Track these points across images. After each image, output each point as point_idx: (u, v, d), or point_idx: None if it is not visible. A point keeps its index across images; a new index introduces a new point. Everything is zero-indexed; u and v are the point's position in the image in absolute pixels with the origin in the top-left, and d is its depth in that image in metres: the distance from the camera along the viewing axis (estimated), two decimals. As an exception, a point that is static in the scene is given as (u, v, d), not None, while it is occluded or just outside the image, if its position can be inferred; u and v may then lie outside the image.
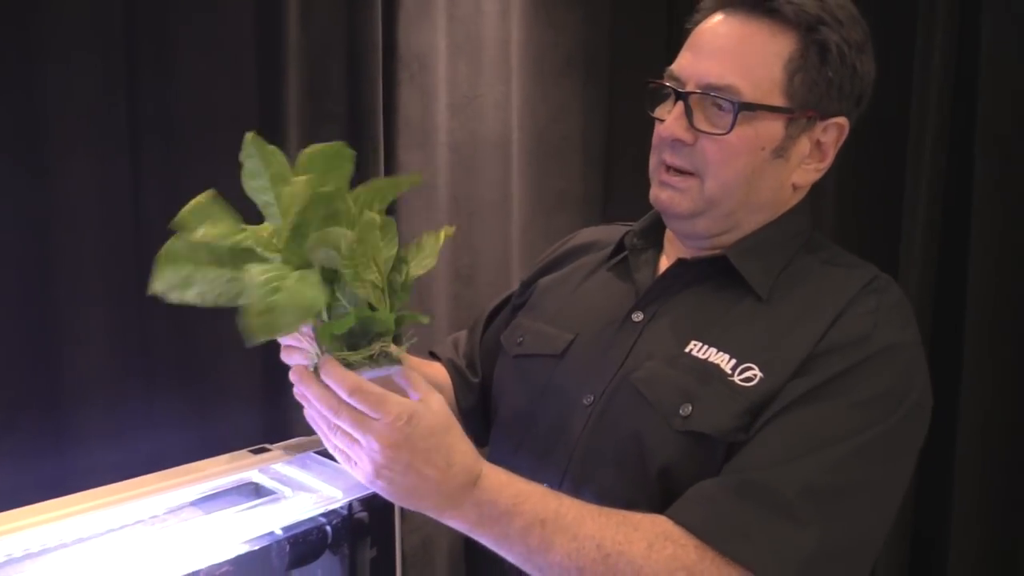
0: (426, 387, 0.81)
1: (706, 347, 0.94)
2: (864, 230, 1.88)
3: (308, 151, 0.77)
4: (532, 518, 0.82)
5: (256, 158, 0.78)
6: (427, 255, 0.84)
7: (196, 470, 1.26)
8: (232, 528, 1.13)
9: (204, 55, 1.54)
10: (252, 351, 0.74)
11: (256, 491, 1.28)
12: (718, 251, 0.99)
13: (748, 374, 0.90)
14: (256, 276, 0.74)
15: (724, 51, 0.94)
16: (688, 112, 0.94)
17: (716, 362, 0.92)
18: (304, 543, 1.17)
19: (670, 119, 0.95)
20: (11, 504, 1.13)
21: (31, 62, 1.36)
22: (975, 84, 1.66)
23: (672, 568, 0.81)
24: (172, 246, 0.76)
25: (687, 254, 1.03)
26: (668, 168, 0.97)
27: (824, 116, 0.96)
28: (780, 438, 0.86)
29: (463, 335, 1.27)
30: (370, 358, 0.78)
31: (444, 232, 0.84)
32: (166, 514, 1.18)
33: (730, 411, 0.89)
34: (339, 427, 0.79)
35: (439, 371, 1.21)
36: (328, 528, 1.20)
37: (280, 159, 0.79)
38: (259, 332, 0.71)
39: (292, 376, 0.79)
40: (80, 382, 1.43)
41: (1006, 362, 1.66)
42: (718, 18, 0.96)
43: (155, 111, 1.50)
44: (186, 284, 0.76)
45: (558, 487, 0.87)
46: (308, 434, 1.49)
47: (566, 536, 0.82)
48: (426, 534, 1.96)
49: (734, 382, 0.90)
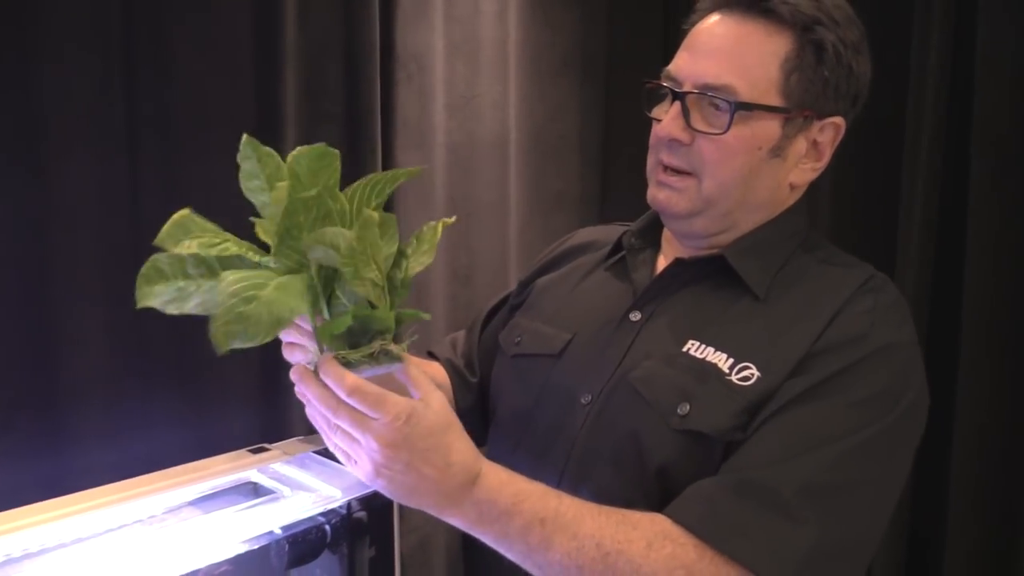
0: (427, 384, 0.81)
1: (704, 346, 0.94)
2: (860, 230, 1.88)
3: (293, 154, 0.77)
4: (532, 517, 0.82)
5: (253, 159, 0.79)
6: (425, 250, 0.84)
7: (195, 470, 1.27)
8: (231, 527, 1.13)
9: (202, 55, 1.54)
10: (251, 350, 0.73)
11: (255, 491, 1.28)
12: (715, 251, 0.99)
13: (745, 373, 0.90)
14: (228, 284, 0.73)
15: (721, 51, 0.94)
16: (685, 112, 0.94)
17: (714, 361, 0.92)
18: (303, 542, 1.17)
19: (667, 119, 0.96)
20: (10, 504, 1.13)
21: (29, 62, 1.36)
22: (971, 84, 1.66)
23: (671, 567, 0.81)
24: (156, 262, 0.76)
25: (685, 254, 1.03)
26: (665, 168, 0.97)
27: (820, 116, 0.96)
28: (778, 437, 0.87)
29: (461, 335, 1.27)
30: (370, 356, 0.78)
31: (442, 223, 0.84)
32: (165, 514, 1.19)
33: (728, 410, 0.89)
34: (339, 426, 0.79)
35: (437, 371, 1.21)
36: (327, 527, 1.20)
37: (276, 160, 0.79)
38: (223, 342, 0.71)
39: (293, 375, 0.79)
40: (78, 382, 1.43)
41: (1002, 362, 1.66)
42: (715, 18, 0.96)
43: (153, 111, 1.50)
44: (183, 297, 0.75)
45: (556, 486, 0.87)
46: (307, 434, 1.50)
47: (566, 535, 0.82)
48: (424, 534, 1.96)
49: (732, 381, 0.90)
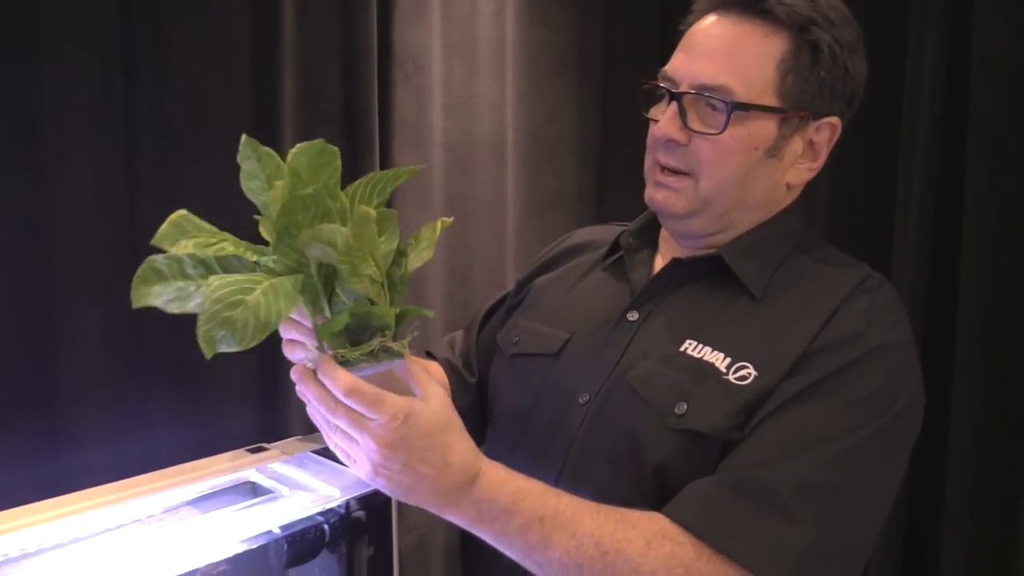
0: (428, 381, 0.81)
1: (701, 346, 0.94)
2: (857, 230, 1.89)
3: (294, 151, 0.77)
4: (531, 516, 0.82)
5: (252, 160, 0.79)
6: (425, 247, 0.84)
7: (193, 469, 1.27)
8: (230, 527, 1.13)
9: (200, 55, 1.54)
10: (250, 350, 0.73)
11: (253, 490, 1.28)
12: (713, 250, 1.00)
13: (742, 373, 0.90)
14: (213, 290, 0.72)
15: (717, 52, 0.94)
16: (682, 112, 0.95)
17: (711, 361, 0.92)
18: (302, 542, 1.17)
19: (664, 119, 0.96)
20: (7, 504, 1.13)
21: (28, 62, 1.36)
22: (967, 84, 1.66)
23: (670, 565, 0.81)
24: (153, 263, 0.76)
25: (682, 254, 1.03)
26: (663, 168, 0.98)
27: (816, 116, 0.96)
28: (775, 437, 0.87)
29: (459, 335, 1.27)
30: (370, 354, 0.78)
31: (441, 223, 0.84)
32: (163, 513, 1.19)
33: (725, 409, 0.89)
34: (338, 426, 0.79)
35: (436, 371, 1.21)
36: (326, 527, 1.20)
37: (275, 160, 0.79)
38: (209, 347, 0.71)
39: (293, 375, 0.79)
40: (76, 381, 1.43)
41: (998, 362, 1.66)
42: (711, 19, 0.96)
43: (151, 111, 1.50)
44: (184, 297, 0.75)
45: (554, 485, 0.88)
46: (305, 433, 1.50)
47: (565, 533, 0.82)
48: (422, 533, 1.96)
49: (729, 381, 0.90)
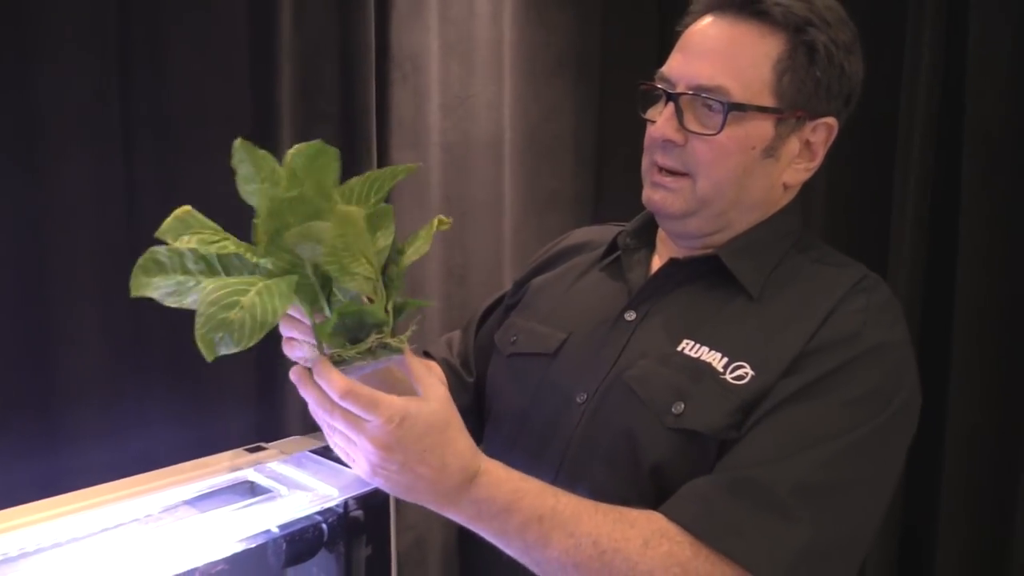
0: (429, 379, 0.81)
1: (698, 346, 0.94)
2: (853, 229, 1.89)
3: (291, 151, 0.77)
4: (529, 515, 0.83)
5: (248, 163, 0.78)
6: (421, 242, 0.83)
7: (191, 468, 1.27)
8: (228, 526, 1.13)
9: (198, 55, 1.54)
10: (248, 349, 0.74)
11: (252, 489, 1.28)
12: (710, 251, 1.00)
13: (740, 372, 0.91)
14: (208, 294, 0.72)
15: (714, 53, 0.95)
16: (679, 113, 0.95)
17: (708, 360, 0.93)
18: (300, 541, 1.17)
19: (661, 120, 0.96)
20: (6, 503, 1.13)
21: (26, 61, 1.36)
22: (963, 83, 1.67)
23: (667, 565, 0.82)
24: (155, 254, 0.76)
25: (679, 254, 1.03)
26: (660, 169, 0.98)
27: (813, 116, 0.96)
28: (772, 436, 0.87)
29: (457, 335, 1.27)
30: (367, 351, 0.78)
31: (439, 220, 0.84)
32: (161, 513, 1.19)
33: (722, 409, 0.89)
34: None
35: (437, 370, 1.21)
36: (324, 526, 1.20)
37: (270, 163, 0.78)
38: (209, 350, 0.71)
39: (292, 376, 0.79)
40: (74, 381, 1.43)
41: (994, 361, 1.67)
42: (708, 20, 0.97)
43: (149, 110, 1.50)
44: (182, 291, 0.75)
45: (552, 484, 0.88)
46: (304, 433, 1.50)
47: (563, 533, 0.82)
48: (419, 533, 1.96)
49: (726, 380, 0.91)
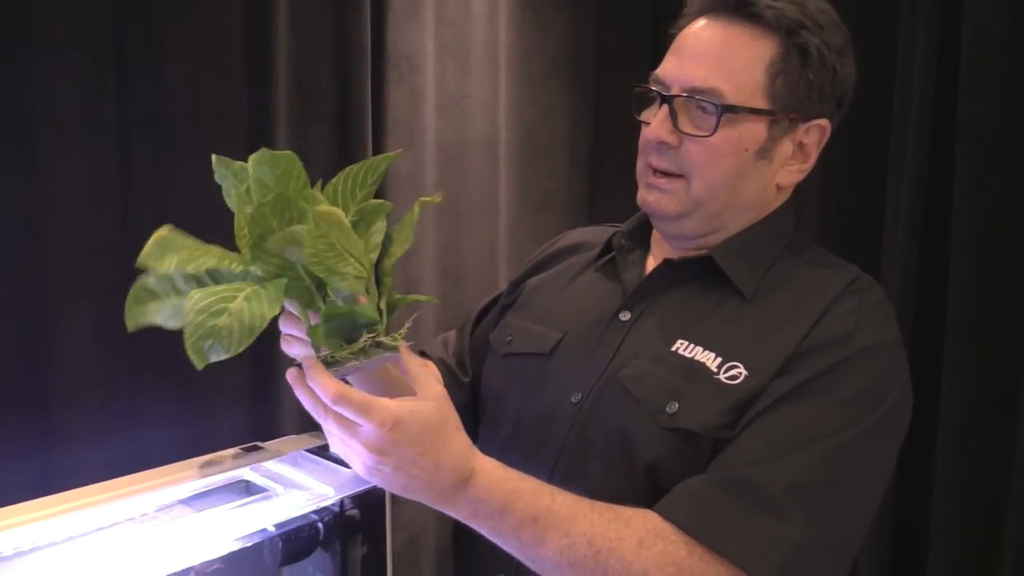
0: (425, 377, 0.82)
1: (692, 346, 0.95)
2: (846, 230, 1.90)
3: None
4: (524, 515, 0.83)
5: (228, 177, 0.79)
6: (407, 231, 0.83)
7: (187, 468, 1.27)
8: (224, 525, 1.13)
9: (193, 54, 1.54)
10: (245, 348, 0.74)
11: (248, 489, 1.28)
12: (704, 251, 1.00)
13: (733, 372, 0.91)
14: (195, 303, 0.73)
15: (707, 55, 0.95)
16: (673, 115, 0.96)
17: (702, 360, 0.93)
18: (296, 540, 1.18)
19: (655, 122, 0.97)
20: (1, 503, 1.13)
21: (21, 61, 1.36)
22: (956, 85, 1.67)
23: (662, 564, 0.82)
24: (145, 284, 0.76)
25: (674, 254, 1.04)
26: (655, 171, 0.99)
27: (806, 118, 0.97)
28: (765, 436, 0.88)
29: (452, 335, 1.28)
30: (360, 351, 0.78)
31: (419, 204, 0.83)
32: (157, 512, 1.19)
33: (716, 409, 0.90)
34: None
35: (433, 369, 1.22)
36: (320, 525, 1.21)
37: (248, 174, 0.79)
38: (200, 358, 0.72)
39: (288, 377, 0.80)
40: (69, 380, 1.43)
41: (986, 362, 1.67)
42: (701, 23, 0.97)
43: (144, 110, 1.50)
44: (181, 312, 0.75)
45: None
46: (299, 432, 1.50)
47: (558, 532, 0.83)
48: (413, 532, 1.97)
49: (720, 380, 0.91)
